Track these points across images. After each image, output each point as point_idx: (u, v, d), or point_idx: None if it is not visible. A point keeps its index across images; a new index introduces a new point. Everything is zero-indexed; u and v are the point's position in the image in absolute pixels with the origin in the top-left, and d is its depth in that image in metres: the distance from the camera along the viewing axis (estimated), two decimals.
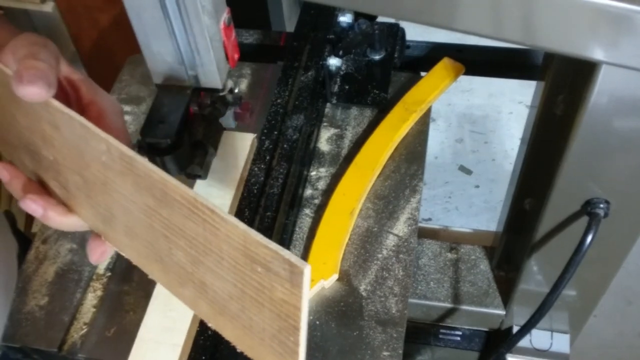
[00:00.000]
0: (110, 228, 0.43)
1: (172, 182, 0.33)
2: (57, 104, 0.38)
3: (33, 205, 0.44)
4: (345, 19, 0.89)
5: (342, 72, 0.88)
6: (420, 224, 0.78)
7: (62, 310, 0.69)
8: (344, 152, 0.81)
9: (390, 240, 0.72)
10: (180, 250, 0.37)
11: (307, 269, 0.28)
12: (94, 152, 0.38)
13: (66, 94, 0.45)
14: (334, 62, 0.84)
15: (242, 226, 0.31)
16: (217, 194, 0.72)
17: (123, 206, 0.39)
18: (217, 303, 0.37)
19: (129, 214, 0.39)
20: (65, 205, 0.45)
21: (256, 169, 0.70)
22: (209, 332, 0.60)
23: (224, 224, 0.32)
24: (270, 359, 0.36)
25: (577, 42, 0.42)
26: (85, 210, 0.44)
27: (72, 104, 0.46)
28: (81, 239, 0.74)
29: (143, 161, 0.35)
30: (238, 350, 0.39)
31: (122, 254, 0.44)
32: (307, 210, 0.76)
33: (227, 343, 0.41)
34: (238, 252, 0.32)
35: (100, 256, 0.46)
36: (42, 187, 0.46)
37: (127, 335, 0.65)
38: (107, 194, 0.40)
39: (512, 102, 2.00)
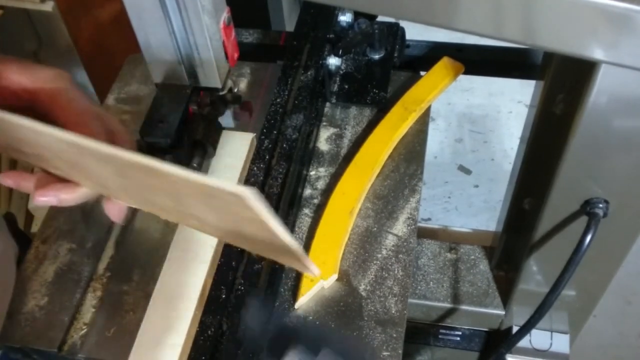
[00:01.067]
0: (110, 189, 0.45)
1: (119, 153, 0.35)
2: (7, 117, 0.39)
3: (45, 199, 0.45)
4: (345, 18, 0.89)
5: (341, 72, 0.88)
6: (419, 224, 0.78)
7: (62, 310, 0.69)
8: (344, 151, 0.81)
9: (390, 240, 0.72)
10: (162, 197, 0.39)
11: (248, 193, 0.31)
12: (50, 143, 0.39)
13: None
14: (333, 61, 0.84)
15: (186, 175, 0.33)
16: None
17: (103, 175, 0.41)
18: (218, 229, 0.41)
19: (111, 179, 0.41)
20: (70, 182, 0.47)
21: (255, 168, 0.70)
22: (209, 332, 0.60)
23: (170, 178, 0.34)
24: (287, 260, 0.40)
25: (577, 42, 0.42)
26: (85, 182, 0.46)
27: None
28: (80, 239, 0.74)
29: (86, 141, 0.36)
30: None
31: (134, 206, 0.47)
32: (306, 210, 0.76)
33: (227, 343, 0.42)
34: (198, 193, 0.35)
35: (118, 213, 0.48)
36: (49, 175, 0.47)
37: (127, 335, 0.65)
38: (86, 169, 0.42)
39: (511, 102, 2.00)
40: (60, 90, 0.47)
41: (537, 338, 0.78)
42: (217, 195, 0.33)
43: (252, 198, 0.31)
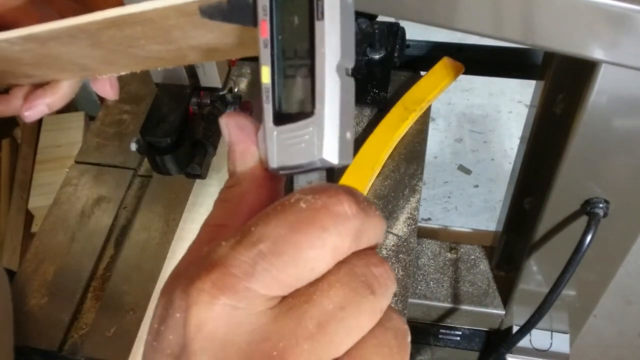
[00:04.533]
0: (92, 69, 0.42)
1: (77, 22, 0.32)
2: None
3: (32, 112, 0.43)
4: None
5: None
6: (419, 224, 0.78)
7: (62, 310, 0.69)
8: None
9: (390, 240, 0.72)
10: (150, 45, 0.36)
11: None
12: (6, 50, 0.37)
13: None
14: None
15: (165, 3, 0.30)
16: (216, 193, 0.72)
17: (77, 55, 0.38)
18: (217, 46, 0.37)
19: (88, 56, 0.38)
20: (49, 83, 0.44)
21: None
22: None
23: (152, 14, 0.31)
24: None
25: (577, 42, 0.42)
26: (62, 75, 0.43)
27: None
28: (80, 239, 0.74)
29: (40, 27, 0.33)
30: None
31: (123, 73, 0.43)
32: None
33: None
34: (185, 17, 0.32)
35: (111, 88, 0.46)
36: (26, 89, 0.45)
37: (127, 335, 0.65)
38: (56, 59, 0.39)
39: (511, 102, 2.00)
40: None
41: (537, 338, 0.78)
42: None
43: None
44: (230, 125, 0.33)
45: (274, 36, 0.31)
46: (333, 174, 0.31)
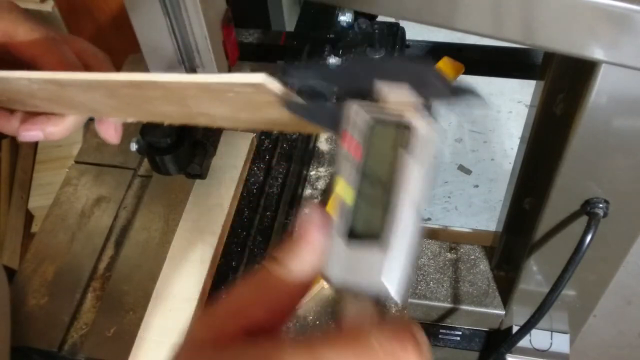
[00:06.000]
0: (100, 113, 0.43)
1: (103, 79, 0.33)
2: None
3: (30, 134, 0.43)
4: (345, 18, 0.89)
5: None
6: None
7: (62, 310, 0.69)
8: None
9: None
10: (164, 106, 0.37)
11: (267, 80, 0.30)
12: (25, 87, 0.37)
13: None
14: (333, 61, 0.84)
15: (186, 79, 0.31)
16: (216, 193, 0.72)
17: (90, 101, 0.39)
18: (227, 118, 0.39)
19: (101, 103, 0.39)
20: (55, 114, 0.45)
21: (256, 168, 0.70)
22: None
23: (169, 86, 0.32)
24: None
25: (577, 42, 0.42)
26: (73, 111, 0.44)
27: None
28: (80, 239, 0.74)
29: (65, 75, 0.34)
30: None
31: (130, 121, 0.44)
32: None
33: None
34: (205, 93, 0.33)
35: (115, 133, 0.46)
36: (33, 114, 0.45)
37: (127, 335, 0.65)
38: (69, 100, 0.39)
39: (511, 102, 2.00)
40: (17, 25, 0.44)
41: (537, 338, 0.78)
42: (229, 90, 0.32)
43: (270, 82, 0.30)
44: (313, 218, 0.33)
45: (363, 157, 0.32)
46: (384, 308, 0.32)
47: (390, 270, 0.30)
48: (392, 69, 0.32)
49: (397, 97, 0.32)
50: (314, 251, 0.32)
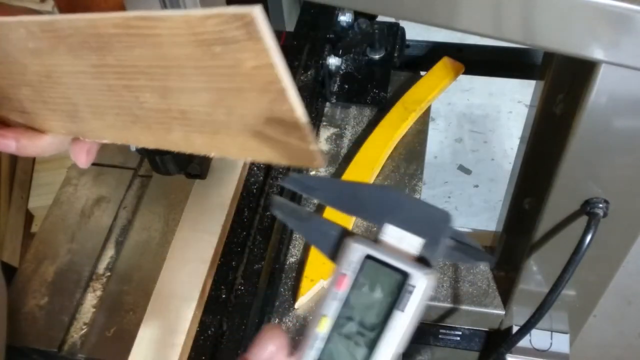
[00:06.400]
0: (81, 121, 0.41)
1: (98, 17, 0.31)
2: None
3: (4, 141, 0.43)
4: (345, 18, 0.89)
5: (341, 72, 0.88)
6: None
7: (62, 310, 0.69)
8: (344, 151, 0.81)
9: None
10: (146, 91, 0.35)
11: (257, 10, 0.26)
12: (19, 45, 0.36)
13: None
14: (333, 61, 0.85)
15: (179, 12, 0.28)
16: (216, 193, 0.72)
17: (76, 85, 0.37)
18: (206, 124, 0.35)
19: (85, 89, 0.37)
20: (34, 129, 0.44)
21: (255, 168, 0.70)
22: (209, 332, 0.60)
23: (163, 24, 0.29)
24: (275, 151, 0.34)
25: (577, 42, 0.42)
26: (52, 121, 0.43)
27: None
28: (80, 239, 0.74)
29: (62, 17, 0.33)
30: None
31: (104, 141, 0.43)
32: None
33: (227, 343, 0.41)
34: (191, 47, 0.30)
35: (86, 156, 0.45)
36: (8, 125, 0.44)
37: (127, 335, 0.65)
38: (56, 84, 0.38)
39: (511, 102, 2.00)
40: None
41: (537, 338, 0.78)
42: (213, 39, 0.28)
43: (260, 18, 0.26)
44: (266, 335, 0.33)
45: (349, 295, 0.31)
46: None
47: None
48: (407, 212, 0.31)
49: (400, 242, 0.31)
50: None
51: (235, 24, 0.27)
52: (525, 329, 0.66)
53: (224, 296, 0.61)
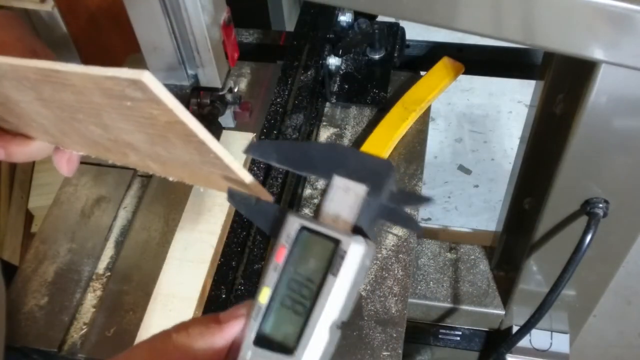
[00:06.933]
0: (52, 136, 0.42)
1: (19, 63, 0.32)
2: None
3: None
4: (345, 18, 0.89)
5: (341, 72, 0.88)
6: (419, 224, 0.77)
7: (62, 310, 0.69)
8: None
9: (390, 240, 0.72)
10: (89, 124, 0.35)
11: (146, 75, 0.27)
12: None
13: None
14: (333, 61, 0.84)
15: (82, 69, 0.29)
16: (216, 193, 0.72)
17: (33, 111, 0.38)
18: (151, 155, 0.36)
19: (42, 115, 0.38)
20: (23, 135, 0.44)
21: (255, 168, 0.70)
22: None
23: (73, 77, 0.30)
24: (218, 181, 0.35)
25: (577, 42, 0.42)
26: (34, 131, 0.43)
27: None
28: (80, 239, 0.74)
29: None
30: None
31: (80, 153, 0.44)
32: (306, 210, 0.76)
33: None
34: (106, 98, 0.30)
35: (67, 164, 0.45)
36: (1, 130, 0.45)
37: (127, 335, 0.65)
38: (17, 107, 0.39)
39: (511, 102, 2.00)
40: (5, 31, 0.45)
41: (537, 338, 0.78)
42: (120, 95, 0.29)
43: (151, 80, 0.27)
44: (238, 312, 0.34)
45: (287, 266, 0.32)
46: None
47: None
48: (352, 163, 0.32)
49: (337, 213, 0.32)
50: (224, 340, 0.33)
51: (131, 87, 0.28)
52: (525, 329, 0.66)
53: (223, 296, 0.61)
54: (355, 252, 0.30)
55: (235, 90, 0.67)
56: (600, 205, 0.57)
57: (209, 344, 0.33)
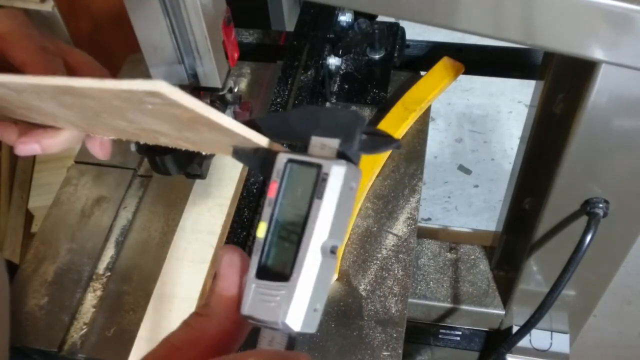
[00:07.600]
0: (85, 127, 0.43)
1: (37, 82, 0.32)
2: None
3: (28, 148, 0.44)
4: (345, 18, 0.89)
5: (341, 72, 0.88)
6: (419, 224, 0.78)
7: (62, 310, 0.69)
8: None
9: (390, 240, 0.72)
10: (116, 119, 0.36)
11: (163, 85, 0.27)
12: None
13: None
14: (333, 61, 0.84)
15: (97, 84, 0.29)
16: (216, 193, 0.72)
17: (57, 111, 0.39)
18: (181, 138, 0.38)
19: (66, 115, 0.39)
20: (52, 127, 0.45)
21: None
22: None
23: (90, 91, 0.30)
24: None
25: (577, 42, 0.42)
26: (62, 123, 0.44)
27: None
28: (80, 239, 0.74)
29: (10, 79, 0.33)
30: None
31: (111, 137, 0.46)
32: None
33: None
34: (126, 103, 0.31)
35: (100, 149, 0.47)
36: (29, 125, 0.45)
37: (127, 335, 0.65)
38: (42, 108, 0.39)
39: (511, 102, 2.00)
40: (13, 30, 0.45)
41: (537, 338, 0.78)
42: (140, 100, 0.30)
43: (167, 89, 0.27)
44: (224, 259, 0.35)
45: (278, 198, 0.34)
46: (294, 339, 0.33)
47: (293, 308, 0.31)
48: (325, 121, 0.34)
49: (323, 148, 0.34)
50: (228, 287, 0.34)
51: (148, 97, 0.29)
52: (525, 329, 0.66)
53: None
54: (336, 173, 0.32)
55: (235, 90, 0.67)
56: (600, 205, 0.57)
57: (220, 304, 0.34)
